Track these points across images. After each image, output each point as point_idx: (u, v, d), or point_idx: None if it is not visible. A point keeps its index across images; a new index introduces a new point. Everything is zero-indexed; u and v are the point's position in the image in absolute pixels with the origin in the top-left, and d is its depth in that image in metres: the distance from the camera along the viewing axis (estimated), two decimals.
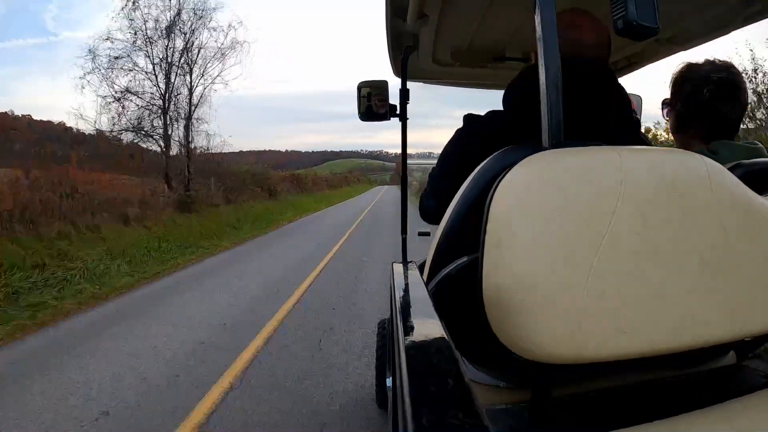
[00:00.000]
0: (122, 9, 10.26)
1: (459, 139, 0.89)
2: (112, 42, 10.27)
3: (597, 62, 0.81)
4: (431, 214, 0.93)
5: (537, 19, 0.57)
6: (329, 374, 2.56)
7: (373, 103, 1.72)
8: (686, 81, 1.10)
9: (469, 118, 0.89)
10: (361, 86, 1.73)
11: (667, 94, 1.16)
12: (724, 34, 1.25)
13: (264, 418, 2.09)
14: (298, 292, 4.48)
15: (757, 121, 5.82)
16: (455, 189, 0.72)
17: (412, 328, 0.50)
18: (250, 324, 3.48)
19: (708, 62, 1.08)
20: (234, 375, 2.55)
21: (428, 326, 0.49)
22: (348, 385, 2.43)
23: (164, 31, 10.67)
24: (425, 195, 1.00)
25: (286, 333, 3.29)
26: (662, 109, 1.19)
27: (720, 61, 1.08)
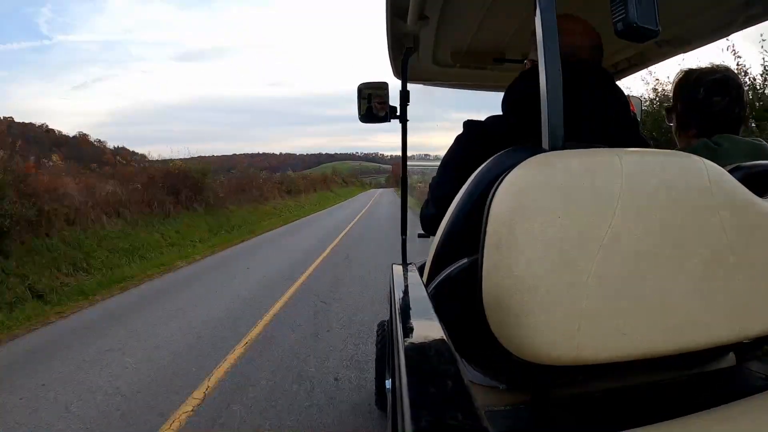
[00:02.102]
0: None
1: (459, 145, 0.89)
2: None
3: (594, 65, 0.82)
4: (431, 223, 0.90)
5: (537, 21, 0.57)
6: None
7: (373, 104, 1.72)
8: (685, 84, 1.17)
9: (468, 124, 0.89)
10: (362, 88, 1.74)
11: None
12: (724, 36, 1.25)
13: None
14: None
15: None
16: (456, 195, 0.71)
17: (411, 330, 0.50)
18: None
19: (705, 67, 1.16)
20: None
21: (428, 328, 0.49)
22: None
23: None
24: (426, 204, 0.98)
25: None
26: (666, 116, 1.26)
27: (717, 65, 1.15)
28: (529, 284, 0.50)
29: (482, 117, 0.90)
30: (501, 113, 0.86)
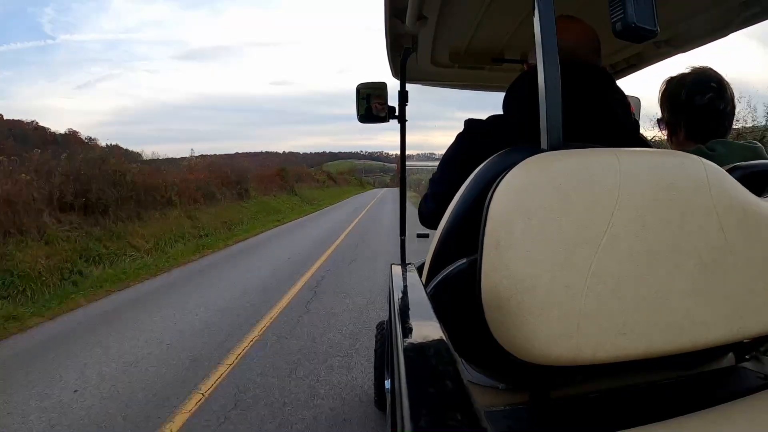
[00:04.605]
0: None
1: (460, 143, 0.89)
2: None
3: (593, 65, 0.82)
4: (430, 218, 0.92)
5: (536, 21, 0.57)
6: None
7: (372, 104, 1.72)
8: (666, 91, 1.19)
9: (469, 123, 0.89)
10: (360, 88, 1.74)
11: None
12: (722, 36, 1.25)
13: None
14: None
15: None
16: (455, 193, 0.71)
17: (410, 330, 0.50)
18: None
19: (684, 71, 1.17)
20: None
21: (427, 328, 0.49)
22: None
23: None
24: (425, 199, 0.99)
25: None
26: (659, 127, 1.27)
27: (695, 66, 1.16)
28: (528, 284, 0.50)
29: (484, 116, 0.90)
30: (502, 113, 0.86)
